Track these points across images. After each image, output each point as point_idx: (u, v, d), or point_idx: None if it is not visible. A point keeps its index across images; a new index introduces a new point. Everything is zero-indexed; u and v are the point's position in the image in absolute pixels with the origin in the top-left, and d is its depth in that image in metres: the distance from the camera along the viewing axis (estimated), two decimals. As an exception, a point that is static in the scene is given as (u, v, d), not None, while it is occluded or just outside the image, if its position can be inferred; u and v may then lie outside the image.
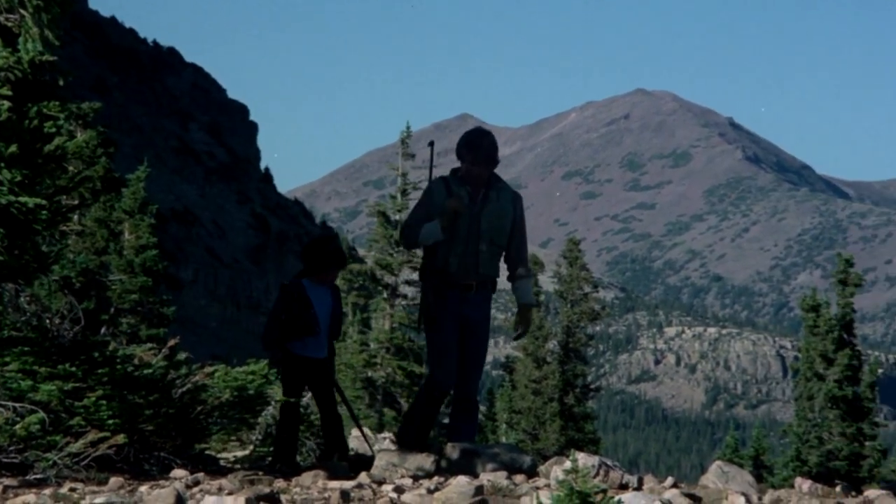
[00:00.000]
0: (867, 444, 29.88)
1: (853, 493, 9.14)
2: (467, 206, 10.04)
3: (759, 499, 8.40)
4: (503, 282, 10.57)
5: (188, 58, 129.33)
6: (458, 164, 10.27)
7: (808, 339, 30.18)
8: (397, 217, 24.19)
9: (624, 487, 8.68)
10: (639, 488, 8.69)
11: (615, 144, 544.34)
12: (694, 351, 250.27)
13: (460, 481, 7.96)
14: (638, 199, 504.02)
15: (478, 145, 10.13)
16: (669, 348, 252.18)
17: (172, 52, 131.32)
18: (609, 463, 8.98)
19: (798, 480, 9.21)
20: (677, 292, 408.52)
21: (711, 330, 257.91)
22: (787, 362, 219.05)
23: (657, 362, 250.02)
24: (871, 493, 8.84)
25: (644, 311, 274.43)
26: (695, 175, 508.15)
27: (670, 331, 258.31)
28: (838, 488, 9.19)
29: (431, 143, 11.18)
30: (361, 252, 35.55)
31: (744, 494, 8.26)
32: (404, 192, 24.01)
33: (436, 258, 10.11)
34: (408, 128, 24.04)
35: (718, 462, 9.26)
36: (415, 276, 24.52)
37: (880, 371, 35.95)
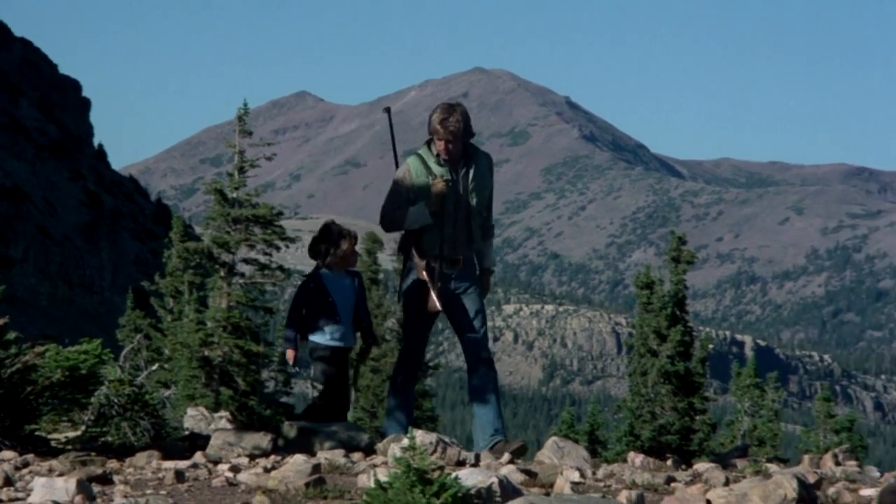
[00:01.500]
0: (697, 418, 30.49)
1: (683, 467, 9.31)
2: (451, 185, 9.89)
3: (594, 473, 8.49)
4: None
5: (17, 32, 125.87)
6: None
7: (642, 316, 30.66)
8: (234, 195, 23.92)
9: (461, 464, 8.71)
10: (476, 464, 8.73)
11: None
12: (531, 328, 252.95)
13: (297, 460, 7.91)
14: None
15: (451, 120, 9.94)
16: (507, 326, 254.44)
17: (0, 27, 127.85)
18: (447, 440, 9.01)
19: (631, 455, 9.36)
20: (515, 270, 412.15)
21: (549, 307, 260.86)
22: (622, 339, 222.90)
23: (495, 339, 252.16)
24: (701, 466, 9.02)
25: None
26: (532, 154, 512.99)
27: (508, 308, 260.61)
28: (669, 462, 9.36)
29: (388, 110, 11.04)
30: (198, 230, 35.13)
31: (578, 469, 8.35)
32: (241, 170, 23.71)
33: (422, 240, 9.97)
34: (245, 105, 23.74)
35: (554, 438, 9.37)
36: (252, 254, 24.31)
37: (711, 347, 36.71)
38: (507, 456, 9.26)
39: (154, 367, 13.92)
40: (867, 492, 7.61)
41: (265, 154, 23.37)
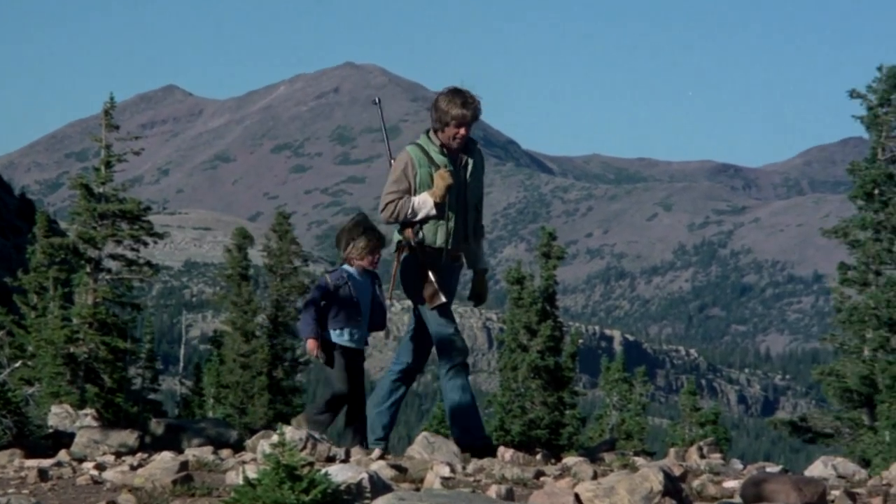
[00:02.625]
0: (567, 412, 30.89)
1: (553, 461, 9.37)
2: (454, 176, 9.67)
3: (464, 468, 8.51)
4: None
5: None
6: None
7: (513, 311, 30.91)
8: (101, 190, 23.57)
9: (331, 460, 8.68)
10: (346, 460, 8.71)
11: (325, 118, 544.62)
12: (403, 323, 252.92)
13: (164, 457, 7.81)
14: (348, 172, 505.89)
15: (471, 104, 9.66)
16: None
17: None
18: (317, 436, 8.97)
19: (501, 449, 9.39)
20: (389, 266, 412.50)
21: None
22: (493, 334, 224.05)
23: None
24: (570, 460, 9.08)
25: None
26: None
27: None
28: (539, 456, 9.42)
29: (377, 101, 10.49)
30: (64, 225, 34.57)
31: (448, 464, 8.36)
32: (108, 165, 23.36)
33: (423, 233, 9.73)
34: (111, 98, 23.38)
35: (425, 433, 9.37)
36: (119, 250, 23.98)
37: (580, 342, 37.14)
38: (377, 451, 9.25)
39: (17, 365, 13.66)
40: (730, 484, 7.73)
41: (132, 148, 23.05)
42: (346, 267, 9.95)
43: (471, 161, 9.82)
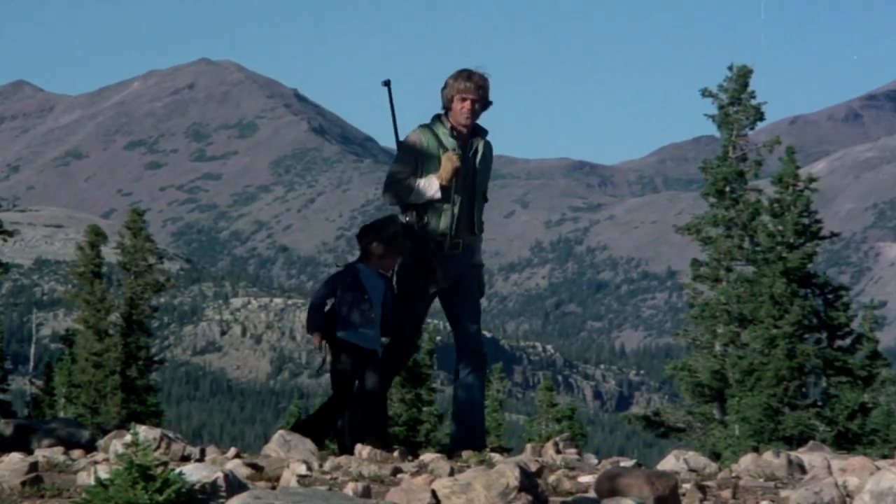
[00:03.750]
0: (425, 409, 30.98)
1: (410, 458, 9.38)
2: (462, 160, 9.34)
3: (321, 466, 8.48)
4: None
5: None
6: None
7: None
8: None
9: (186, 459, 8.59)
10: (201, 459, 8.62)
11: (180, 114, 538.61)
12: (260, 321, 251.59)
13: (13, 458, 7.64)
14: (204, 169, 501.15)
15: (476, 76, 9.36)
16: (235, 319, 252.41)
17: None
18: (171, 435, 8.86)
19: (358, 447, 9.37)
20: (244, 263, 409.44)
21: (278, 300, 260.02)
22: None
23: (223, 333, 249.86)
24: (427, 456, 9.09)
25: (210, 282, 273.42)
26: (261, 146, 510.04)
27: (237, 301, 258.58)
28: (396, 453, 9.41)
29: (387, 83, 9.75)
30: None
31: (305, 462, 8.32)
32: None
33: (426, 217, 9.41)
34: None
35: (281, 431, 9.30)
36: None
37: (438, 339, 37.24)
38: (233, 450, 9.17)
39: None
40: (585, 478, 7.81)
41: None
42: (358, 265, 9.53)
43: (481, 146, 9.53)
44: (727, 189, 29.79)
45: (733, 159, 30.10)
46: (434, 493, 6.45)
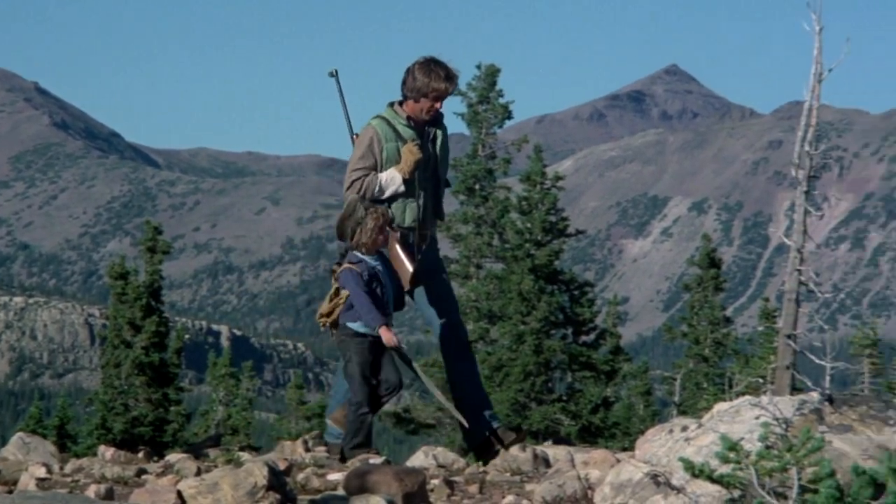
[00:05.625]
0: (172, 408, 30.49)
1: (156, 458, 9.24)
2: (423, 150, 9.03)
3: (61, 468, 8.29)
4: None
5: None
6: None
7: (116, 307, 30.29)
8: None
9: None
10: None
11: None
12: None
13: None
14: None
15: (449, 81, 9.08)
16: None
17: None
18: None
19: (102, 448, 9.18)
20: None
21: (18, 299, 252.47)
22: (96, 330, 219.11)
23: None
24: (173, 456, 8.98)
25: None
26: (1, 141, 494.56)
27: None
28: (141, 454, 9.26)
29: (334, 73, 9.37)
30: None
31: (45, 465, 8.12)
32: None
33: (391, 211, 9.03)
34: None
35: (20, 433, 9.06)
36: None
37: (187, 337, 36.76)
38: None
39: None
40: (334, 476, 7.82)
41: None
42: (362, 257, 9.01)
43: (439, 134, 9.31)
44: (477, 187, 30.23)
45: (482, 157, 30.56)
46: (180, 494, 6.36)
